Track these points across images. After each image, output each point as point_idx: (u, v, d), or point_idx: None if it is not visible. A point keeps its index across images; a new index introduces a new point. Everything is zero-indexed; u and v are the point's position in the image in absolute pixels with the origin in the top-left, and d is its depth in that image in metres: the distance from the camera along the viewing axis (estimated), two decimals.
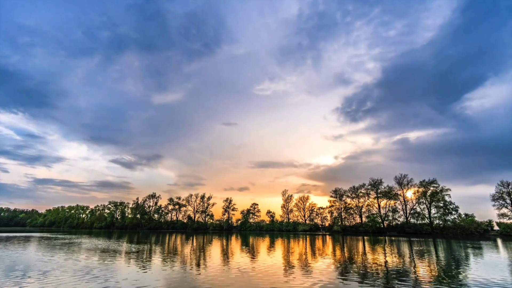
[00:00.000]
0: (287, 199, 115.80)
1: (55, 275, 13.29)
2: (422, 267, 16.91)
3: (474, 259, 21.44)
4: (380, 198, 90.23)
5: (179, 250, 27.38)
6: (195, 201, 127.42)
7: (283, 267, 16.66)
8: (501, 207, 70.01)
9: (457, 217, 74.53)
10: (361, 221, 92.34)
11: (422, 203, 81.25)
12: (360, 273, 14.58)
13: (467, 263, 18.87)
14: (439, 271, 15.70)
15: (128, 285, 11.43)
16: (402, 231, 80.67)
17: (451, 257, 22.77)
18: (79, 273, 13.73)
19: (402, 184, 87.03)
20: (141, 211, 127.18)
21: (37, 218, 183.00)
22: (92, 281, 12.05)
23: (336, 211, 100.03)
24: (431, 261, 19.99)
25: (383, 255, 24.40)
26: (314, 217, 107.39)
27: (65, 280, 12.10)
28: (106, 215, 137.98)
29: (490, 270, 16.00)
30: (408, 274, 14.45)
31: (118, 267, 16.15)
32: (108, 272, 14.32)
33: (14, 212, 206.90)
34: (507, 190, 70.04)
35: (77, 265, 16.58)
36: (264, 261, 19.52)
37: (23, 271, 14.20)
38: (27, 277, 12.70)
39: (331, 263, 18.70)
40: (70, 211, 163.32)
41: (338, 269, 16.16)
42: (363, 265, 17.53)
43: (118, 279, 12.47)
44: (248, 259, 20.59)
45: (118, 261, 18.79)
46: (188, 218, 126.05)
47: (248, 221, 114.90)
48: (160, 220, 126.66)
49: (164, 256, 21.73)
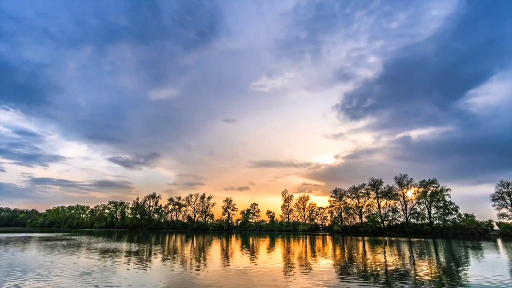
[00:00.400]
0: (287, 199, 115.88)
1: (54, 275, 13.30)
2: (422, 268, 16.92)
3: (474, 259, 21.43)
4: (380, 198, 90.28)
5: (179, 251, 27.37)
6: (195, 201, 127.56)
7: (283, 268, 16.66)
8: (501, 207, 70.07)
9: (457, 217, 74.56)
10: (361, 221, 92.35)
11: (422, 203, 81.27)
12: (360, 274, 14.58)
13: (467, 264, 18.87)
14: (439, 271, 15.70)
15: (126, 286, 11.43)
16: (402, 231, 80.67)
17: (450, 257, 22.78)
18: (78, 274, 13.73)
19: (402, 184, 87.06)
20: (141, 211, 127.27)
21: (37, 218, 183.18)
22: (92, 281, 12.05)
23: (336, 211, 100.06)
24: (431, 261, 20.00)
25: (383, 255, 24.41)
26: (314, 217, 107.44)
27: (64, 280, 12.11)
28: (106, 215, 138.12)
29: (490, 271, 16.00)
30: (408, 275, 14.45)
31: (117, 268, 16.15)
32: (107, 273, 14.32)
33: (14, 212, 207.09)
34: (507, 190, 70.07)
35: (77, 265, 16.58)
36: (264, 262, 19.53)
37: (22, 272, 14.21)
38: (26, 278, 12.71)
39: (331, 263, 18.69)
40: (70, 211, 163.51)
41: (338, 269, 16.16)
42: (363, 266, 17.53)
43: (118, 280, 12.47)
44: (248, 260, 20.60)
45: (117, 261, 18.80)
46: (188, 218, 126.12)
47: (248, 221, 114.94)
48: (160, 220, 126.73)
49: (164, 257, 21.74)
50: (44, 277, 12.94)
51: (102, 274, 13.67)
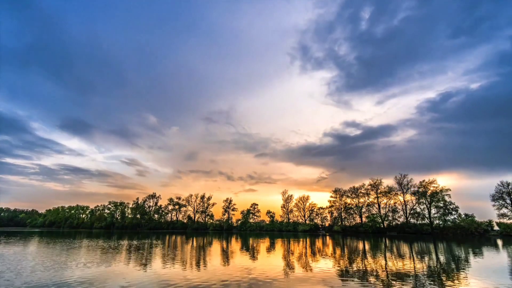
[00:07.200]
0: (287, 199, 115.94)
1: (54, 276, 13.27)
2: (422, 268, 16.88)
3: (474, 259, 21.40)
4: (380, 198, 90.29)
5: (179, 252, 27.34)
6: (195, 201, 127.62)
7: (283, 271, 16.64)
8: (501, 207, 70.05)
9: (457, 217, 74.58)
10: (361, 221, 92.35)
11: (422, 203, 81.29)
12: (361, 274, 14.54)
13: (467, 265, 18.85)
14: (439, 271, 15.67)
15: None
16: (402, 231, 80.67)
17: (450, 258, 22.74)
18: (77, 273, 13.70)
19: (402, 184, 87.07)
20: (141, 211, 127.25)
21: (37, 218, 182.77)
22: (92, 282, 12.02)
23: (336, 211, 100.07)
24: (431, 261, 19.97)
25: (383, 255, 24.38)
26: (314, 217, 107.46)
27: (63, 281, 12.08)
28: (106, 215, 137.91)
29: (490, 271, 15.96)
30: (408, 275, 14.41)
31: (117, 269, 16.12)
32: (107, 274, 14.29)
33: (14, 212, 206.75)
34: (507, 190, 70.06)
35: (75, 265, 16.55)
36: (264, 264, 19.49)
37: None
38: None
39: (332, 264, 18.67)
40: (70, 211, 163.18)
41: (339, 270, 16.13)
42: (363, 266, 17.50)
43: (118, 282, 12.44)
44: (249, 261, 20.56)
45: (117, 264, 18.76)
46: (188, 218, 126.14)
47: (248, 221, 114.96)
48: (160, 220, 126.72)
49: (164, 257, 21.70)
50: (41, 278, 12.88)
51: (99, 276, 13.63)
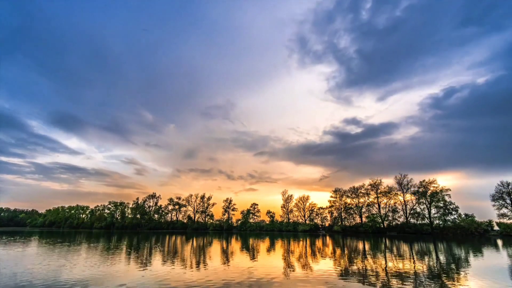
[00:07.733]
0: (287, 199, 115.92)
1: (53, 276, 13.26)
2: (422, 268, 16.87)
3: (474, 260, 21.40)
4: (380, 198, 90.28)
5: (179, 252, 27.35)
6: (195, 201, 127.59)
7: (283, 271, 16.63)
8: (501, 207, 70.04)
9: (457, 217, 74.57)
10: (361, 221, 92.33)
11: (422, 203, 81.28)
12: (361, 274, 14.53)
13: (466, 265, 18.84)
14: (439, 271, 15.66)
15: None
16: (402, 231, 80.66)
17: (450, 258, 22.75)
18: (77, 274, 13.70)
19: (402, 184, 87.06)
20: (141, 211, 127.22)
21: (37, 218, 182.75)
22: (91, 283, 12.02)
23: (336, 211, 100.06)
24: (431, 261, 19.96)
25: (383, 255, 24.37)
26: (314, 217, 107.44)
27: (63, 281, 12.07)
28: (106, 215, 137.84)
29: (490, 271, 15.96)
30: (408, 275, 14.40)
31: (116, 270, 16.12)
32: (106, 275, 14.29)
33: (14, 212, 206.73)
34: (507, 190, 70.05)
35: (75, 266, 16.55)
36: (265, 264, 19.49)
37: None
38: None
39: (332, 264, 18.66)
40: (70, 211, 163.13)
41: (339, 270, 16.12)
42: (363, 266, 17.50)
43: (118, 282, 12.43)
44: (249, 262, 20.56)
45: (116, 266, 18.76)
46: (188, 218, 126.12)
47: (248, 221, 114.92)
48: (160, 220, 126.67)
49: (164, 257, 21.70)
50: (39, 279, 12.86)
51: (100, 276, 13.62)
